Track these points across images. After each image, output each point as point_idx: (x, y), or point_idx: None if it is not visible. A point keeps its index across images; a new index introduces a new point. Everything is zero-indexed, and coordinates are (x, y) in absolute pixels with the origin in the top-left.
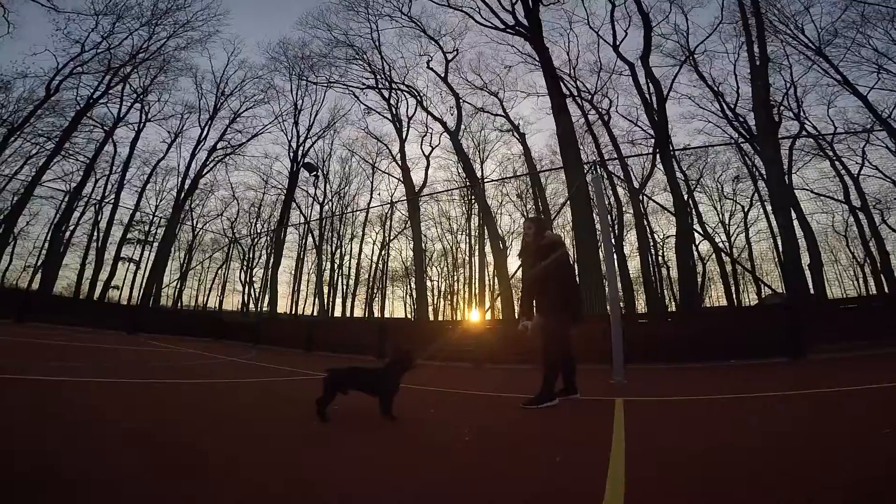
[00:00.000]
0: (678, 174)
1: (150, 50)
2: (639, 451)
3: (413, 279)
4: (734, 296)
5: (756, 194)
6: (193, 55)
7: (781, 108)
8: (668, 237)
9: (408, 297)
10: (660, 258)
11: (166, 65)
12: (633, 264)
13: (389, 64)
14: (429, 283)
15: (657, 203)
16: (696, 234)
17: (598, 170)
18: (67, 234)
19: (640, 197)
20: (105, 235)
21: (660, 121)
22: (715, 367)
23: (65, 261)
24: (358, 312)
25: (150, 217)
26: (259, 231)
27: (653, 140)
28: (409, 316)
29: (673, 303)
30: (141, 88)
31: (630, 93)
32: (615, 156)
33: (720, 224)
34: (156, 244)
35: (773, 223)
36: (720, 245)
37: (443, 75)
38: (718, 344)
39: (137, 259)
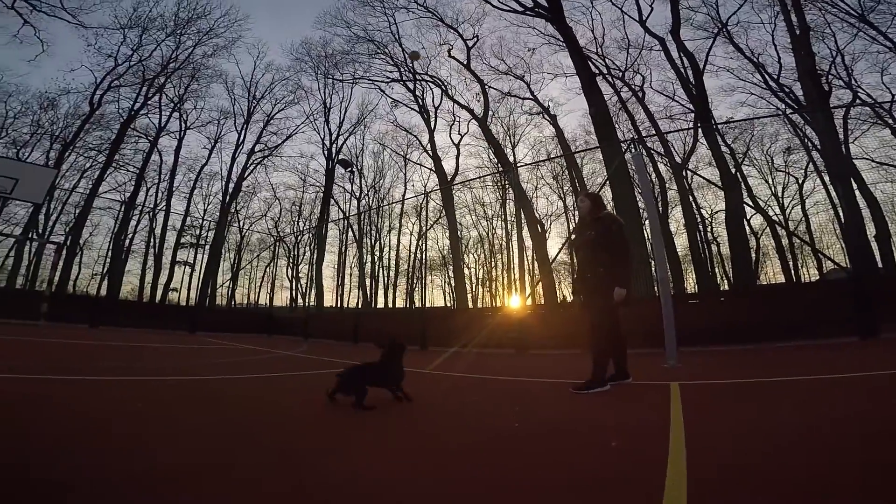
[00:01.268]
0: (723, 148)
1: (179, 59)
2: (699, 436)
3: (451, 267)
4: (793, 271)
5: (811, 165)
6: (221, 62)
7: (830, 76)
8: (716, 212)
9: (446, 285)
10: (709, 234)
11: (197, 73)
12: (680, 242)
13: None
14: (466, 271)
15: (703, 178)
16: (747, 208)
17: (638, 147)
18: (127, 241)
19: (684, 172)
20: (161, 241)
21: (698, 94)
22: (775, 349)
23: (127, 267)
24: (399, 303)
25: (200, 221)
26: (301, 229)
27: (692, 114)
28: (448, 304)
29: (725, 281)
30: (177, 97)
31: (663, 68)
32: (653, 132)
33: (773, 197)
34: (207, 247)
35: (833, 194)
36: (774, 218)
37: (465, 63)
38: (777, 323)
39: (192, 262)
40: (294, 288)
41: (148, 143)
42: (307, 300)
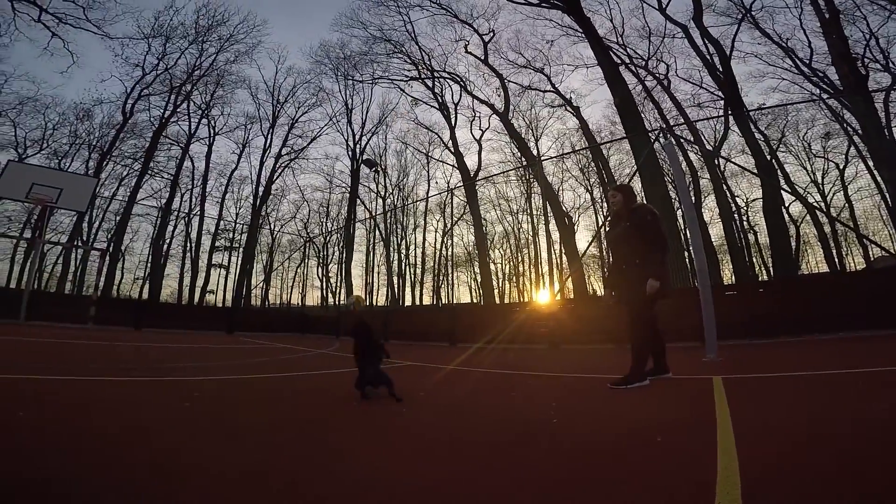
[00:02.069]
0: (756, 135)
1: (203, 66)
2: (748, 431)
3: (476, 263)
4: (837, 260)
5: (852, 150)
6: (244, 67)
7: (865, 60)
8: (753, 200)
9: (472, 281)
10: (745, 223)
11: (221, 79)
12: (715, 231)
13: (428, 53)
14: (492, 267)
15: (738, 165)
16: (785, 196)
17: (668, 136)
18: (165, 246)
19: (716, 161)
20: (196, 245)
21: (726, 80)
22: (820, 341)
23: (166, 271)
24: (426, 300)
25: (233, 224)
26: (329, 229)
27: (722, 101)
28: (473, 300)
29: (764, 271)
30: (204, 104)
31: (688, 55)
32: (682, 121)
33: (812, 184)
34: (241, 249)
35: (879, 179)
36: (815, 205)
37: (483, 58)
38: (822, 314)
39: (227, 264)
40: (324, 287)
41: (180, 149)
42: (337, 299)
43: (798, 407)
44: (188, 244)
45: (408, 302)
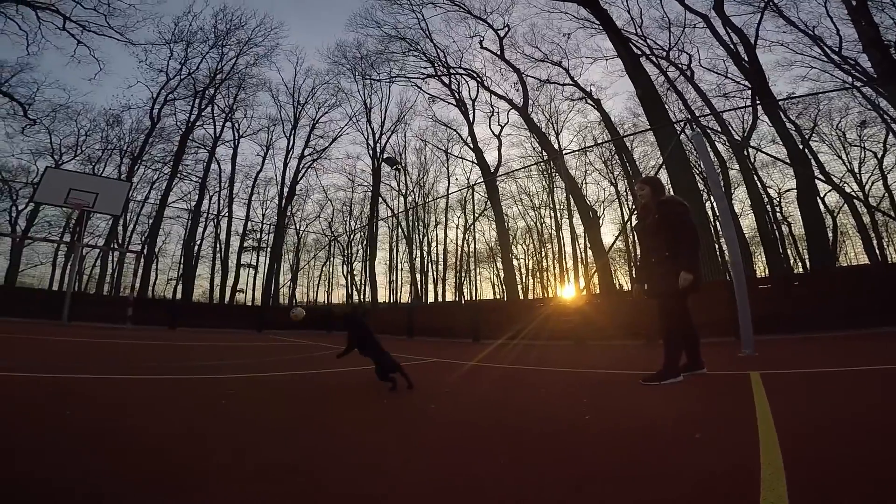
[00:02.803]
0: (787, 124)
1: (224, 70)
2: (791, 427)
3: (499, 259)
4: (877, 251)
5: (891, 137)
6: (264, 70)
7: None
8: (786, 191)
9: (495, 277)
10: (778, 214)
11: (243, 82)
12: (746, 223)
13: (443, 50)
14: (515, 262)
15: (769, 155)
16: (820, 185)
17: (695, 127)
18: (196, 247)
19: (745, 151)
20: (226, 246)
21: (753, 70)
22: (861, 336)
23: (197, 271)
24: (449, 297)
25: (260, 225)
26: (353, 228)
27: (749, 90)
28: (496, 296)
29: (799, 263)
30: (227, 108)
31: (710, 45)
32: (707, 112)
33: (849, 173)
34: (268, 249)
35: None
36: (852, 195)
37: (499, 53)
38: (862, 308)
39: (255, 264)
40: (349, 285)
41: (206, 152)
42: (362, 297)
43: (843, 403)
44: (217, 245)
45: (430, 299)
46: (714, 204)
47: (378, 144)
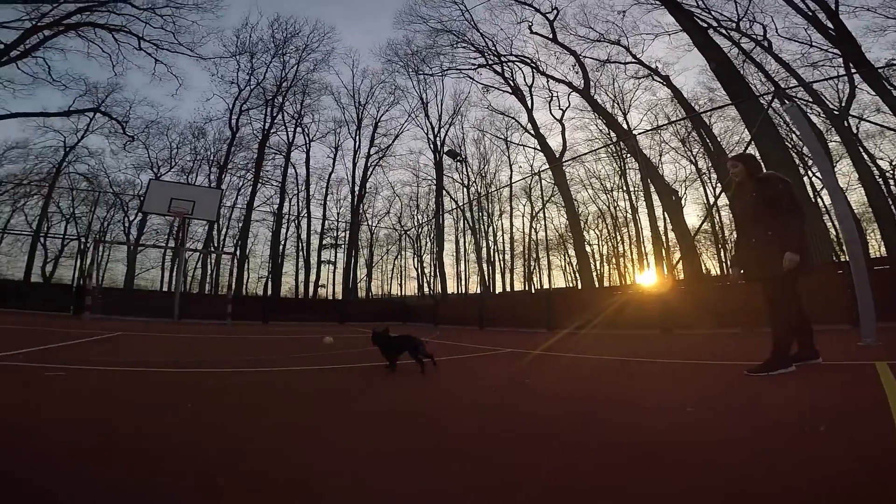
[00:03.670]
0: (894, 92)
1: (288, 78)
2: None
3: (570, 246)
4: None
5: None
6: (324, 75)
7: None
8: None
9: (566, 265)
10: (892, 188)
11: (307, 88)
12: (854, 198)
13: (491, 39)
14: (587, 249)
15: (876, 124)
16: None
17: (786, 100)
18: (281, 247)
19: (846, 122)
20: (307, 244)
21: (840, 37)
22: None
23: (283, 269)
24: (517, 286)
25: (336, 223)
26: (420, 222)
27: (840, 59)
28: (568, 284)
29: None
30: (296, 114)
31: (785, 13)
32: (794, 83)
33: None
34: (344, 246)
35: None
36: None
37: (551, 37)
38: None
39: (334, 260)
40: (420, 277)
41: (283, 158)
42: (432, 288)
43: None
44: (300, 244)
45: (498, 289)
46: (811, 179)
47: (438, 138)
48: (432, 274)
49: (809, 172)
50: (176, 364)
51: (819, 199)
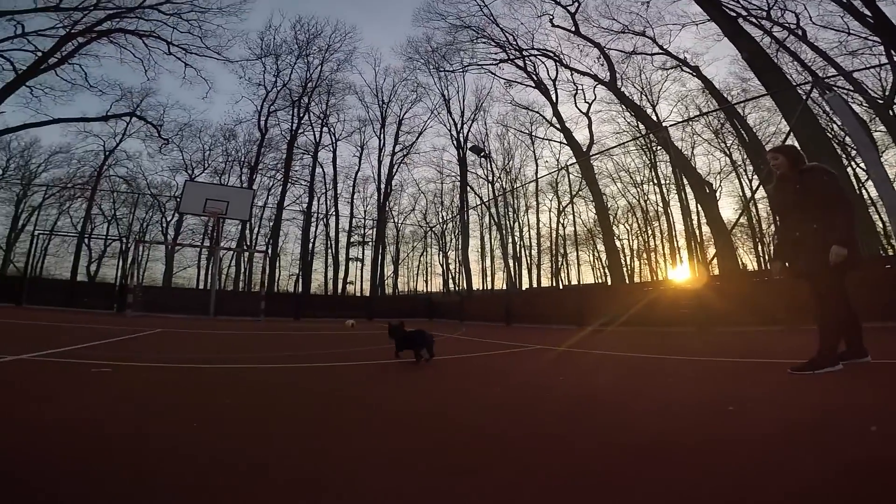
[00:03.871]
0: None
1: (313, 78)
2: None
3: (599, 241)
4: None
5: None
6: (347, 75)
7: None
8: None
9: (595, 260)
10: None
11: (331, 88)
12: None
13: (511, 33)
14: (617, 244)
15: None
16: None
17: (826, 90)
18: (310, 245)
19: (890, 111)
20: (335, 242)
21: (879, 23)
22: None
23: (313, 266)
24: (544, 283)
25: (363, 221)
26: (445, 218)
27: (881, 46)
28: (597, 280)
29: None
30: (322, 114)
31: (818, 1)
32: (832, 72)
33: None
34: (371, 243)
35: None
36: None
37: (573, 29)
38: None
39: (361, 258)
40: (445, 273)
41: (310, 158)
42: (458, 285)
43: None
44: (328, 241)
45: (525, 285)
46: (854, 171)
47: (461, 134)
48: (457, 270)
49: (853, 164)
50: (217, 361)
51: (864, 191)
